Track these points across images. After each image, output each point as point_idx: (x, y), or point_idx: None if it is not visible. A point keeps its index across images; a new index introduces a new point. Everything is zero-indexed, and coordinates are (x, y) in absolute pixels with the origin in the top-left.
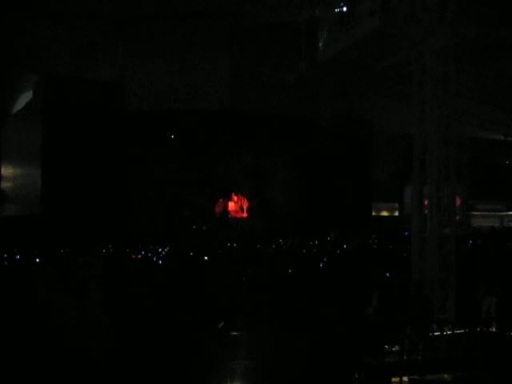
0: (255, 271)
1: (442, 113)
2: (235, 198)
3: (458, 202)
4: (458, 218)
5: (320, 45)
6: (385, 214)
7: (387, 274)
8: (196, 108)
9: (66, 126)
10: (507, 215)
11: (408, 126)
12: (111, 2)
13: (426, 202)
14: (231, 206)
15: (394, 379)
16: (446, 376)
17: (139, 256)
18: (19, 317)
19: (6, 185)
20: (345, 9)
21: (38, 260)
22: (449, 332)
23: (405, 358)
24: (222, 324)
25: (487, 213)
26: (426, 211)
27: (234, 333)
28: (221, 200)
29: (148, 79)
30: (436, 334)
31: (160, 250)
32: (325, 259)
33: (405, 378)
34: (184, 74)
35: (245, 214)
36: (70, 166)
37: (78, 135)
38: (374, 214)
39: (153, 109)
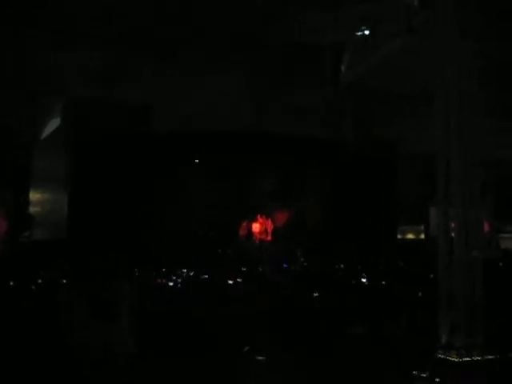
0: (280, 294)
1: (466, 132)
2: (260, 219)
3: (486, 223)
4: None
5: (343, 67)
6: (411, 236)
7: (416, 296)
8: (220, 130)
9: (93, 150)
10: None
11: (433, 147)
12: (138, 26)
13: (453, 225)
14: (255, 227)
15: None
16: None
17: (164, 281)
18: (46, 341)
19: (34, 209)
20: (367, 32)
21: (65, 284)
22: (478, 358)
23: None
24: (247, 348)
25: None
26: (453, 233)
27: (260, 357)
28: (245, 222)
29: (174, 102)
30: (465, 359)
31: (185, 273)
32: (353, 282)
33: None
34: (208, 96)
35: (269, 237)
36: (96, 190)
37: (104, 160)
38: (399, 236)
39: (179, 131)
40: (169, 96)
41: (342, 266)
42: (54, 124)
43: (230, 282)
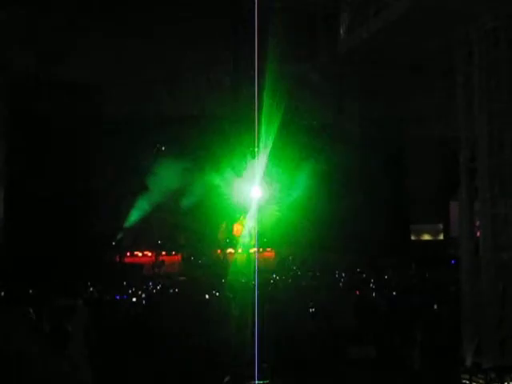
0: (268, 312)
1: (493, 110)
2: (243, 220)
3: None
4: None
5: (342, 32)
6: (427, 237)
7: (432, 311)
8: (191, 114)
9: (34, 136)
10: None
11: (453, 129)
12: None
13: (478, 222)
14: (237, 230)
15: None
16: None
17: (124, 296)
18: None
19: None
20: None
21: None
22: (510, 382)
23: None
24: (227, 378)
25: None
26: (479, 233)
27: None
28: (224, 224)
29: (132, 80)
30: None
31: (151, 287)
32: (357, 292)
33: None
34: (175, 74)
35: (254, 241)
36: (39, 184)
37: (48, 147)
38: (413, 238)
39: (138, 115)
40: (125, 73)
41: (343, 274)
42: None
43: (207, 296)
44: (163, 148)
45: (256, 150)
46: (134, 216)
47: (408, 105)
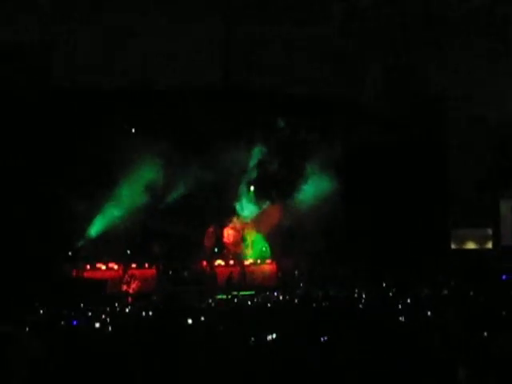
0: (267, 344)
1: None
2: (236, 223)
3: None
4: None
5: None
6: (471, 246)
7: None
8: (170, 87)
9: None
10: None
11: (507, 106)
12: None
13: None
14: (228, 235)
15: None
16: None
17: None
18: None
19: None
20: None
21: None
22: None
23: None
24: None
25: None
26: None
27: None
28: (211, 229)
29: (91, 42)
30: None
31: (118, 309)
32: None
33: None
34: (151, 36)
35: (249, 250)
36: None
37: None
38: (453, 246)
39: (100, 87)
40: (84, 32)
41: (363, 294)
42: None
43: (189, 321)
44: (133, 129)
45: (254, 133)
46: (96, 219)
47: (447, 78)
